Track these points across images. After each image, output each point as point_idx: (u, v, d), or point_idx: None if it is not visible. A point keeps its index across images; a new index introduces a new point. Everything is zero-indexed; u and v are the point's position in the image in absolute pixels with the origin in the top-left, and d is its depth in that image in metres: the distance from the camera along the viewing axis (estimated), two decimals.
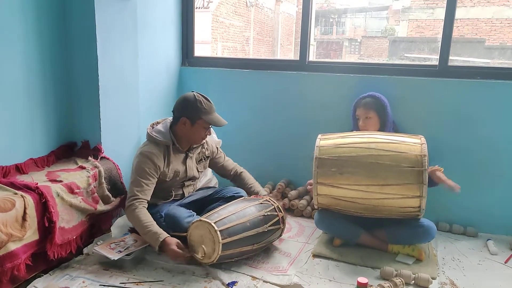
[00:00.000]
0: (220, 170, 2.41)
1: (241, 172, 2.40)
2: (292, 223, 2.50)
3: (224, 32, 10.96)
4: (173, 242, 1.87)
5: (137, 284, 1.79)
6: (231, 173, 2.39)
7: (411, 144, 2.00)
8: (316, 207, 2.17)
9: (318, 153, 2.06)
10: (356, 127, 2.38)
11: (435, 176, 2.08)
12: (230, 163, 2.41)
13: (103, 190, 2.09)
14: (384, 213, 2.03)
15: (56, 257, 1.82)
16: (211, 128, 2.45)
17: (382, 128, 2.30)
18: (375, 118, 2.28)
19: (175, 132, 2.12)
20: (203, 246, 1.84)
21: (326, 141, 2.12)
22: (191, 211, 2.11)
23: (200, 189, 2.44)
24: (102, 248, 1.93)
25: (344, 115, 2.49)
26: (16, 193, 1.68)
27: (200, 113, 2.04)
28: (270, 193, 2.72)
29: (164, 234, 1.89)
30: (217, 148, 2.39)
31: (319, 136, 2.16)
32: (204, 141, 2.27)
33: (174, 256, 1.87)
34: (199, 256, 1.83)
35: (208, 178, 2.75)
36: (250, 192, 2.32)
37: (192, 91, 2.10)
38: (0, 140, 1.90)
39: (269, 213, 2.05)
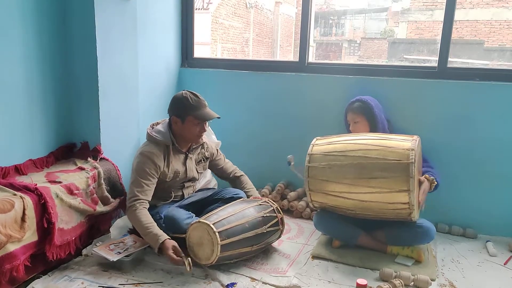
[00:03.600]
0: (219, 172, 2.41)
1: (241, 175, 2.40)
2: (291, 225, 2.50)
3: (223, 34, 10.98)
4: (170, 246, 1.84)
5: (136, 286, 1.79)
6: (230, 176, 2.39)
7: (401, 140, 2.02)
8: (310, 204, 2.19)
9: (310, 150, 2.13)
10: (348, 131, 2.41)
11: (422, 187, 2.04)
12: (229, 165, 2.41)
13: (102, 191, 2.08)
14: (375, 211, 2.03)
15: (55, 258, 1.82)
16: (210, 129, 2.45)
17: (373, 130, 2.31)
18: (364, 121, 2.31)
19: (174, 132, 2.12)
20: (189, 258, 1.82)
21: (321, 141, 2.19)
22: (190, 212, 2.11)
23: (199, 190, 2.44)
24: (101, 249, 1.93)
25: (343, 116, 2.49)
26: (15, 194, 1.68)
27: (188, 110, 2.04)
28: (269, 194, 2.73)
29: (163, 236, 1.88)
30: (217, 150, 2.39)
31: (316, 137, 2.23)
32: (204, 142, 2.27)
33: (169, 260, 1.85)
34: (187, 269, 1.79)
35: (207, 179, 2.75)
36: (247, 196, 2.31)
37: (183, 90, 2.10)
38: None
39: (268, 214, 2.05)
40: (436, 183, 2.10)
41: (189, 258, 1.83)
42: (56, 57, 2.14)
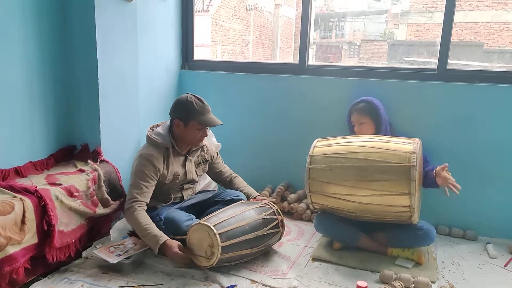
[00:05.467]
0: (216, 175, 2.41)
1: (235, 177, 2.42)
2: (292, 227, 2.50)
3: (223, 36, 10.99)
4: (175, 244, 1.87)
5: None
6: (227, 179, 2.40)
7: (403, 143, 2.02)
8: (310, 206, 2.18)
9: (311, 151, 2.13)
10: (352, 133, 2.40)
11: (441, 176, 2.05)
12: (227, 169, 2.42)
13: (102, 193, 2.08)
14: (376, 214, 2.03)
15: (55, 261, 1.81)
16: (210, 131, 2.45)
17: (377, 131, 2.31)
18: (369, 122, 2.30)
19: (174, 134, 2.12)
20: (200, 253, 1.85)
21: (322, 142, 2.19)
22: (191, 214, 2.11)
23: (199, 192, 2.44)
24: (101, 252, 1.93)
25: (343, 118, 2.50)
26: (15, 196, 1.68)
27: (192, 114, 2.04)
28: (270, 196, 2.73)
29: (164, 237, 1.89)
30: (216, 153, 2.39)
31: (317, 139, 2.23)
32: (204, 144, 2.27)
33: (177, 259, 1.86)
34: (204, 264, 1.83)
35: (207, 181, 2.75)
36: (245, 195, 2.32)
37: (187, 93, 2.10)
38: (0, 143, 1.90)
39: (268, 217, 2.05)
40: (447, 165, 2.08)
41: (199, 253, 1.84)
42: (57, 59, 2.15)
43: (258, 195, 2.31)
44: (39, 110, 2.09)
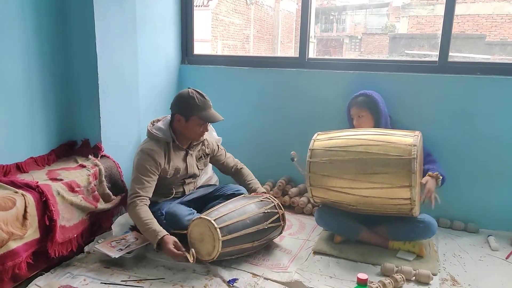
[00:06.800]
0: (221, 167, 2.42)
1: (241, 168, 2.41)
2: (293, 220, 2.50)
3: (224, 30, 10.95)
4: (171, 241, 1.85)
5: (138, 282, 1.80)
6: (232, 170, 2.40)
7: (403, 136, 2.02)
8: (311, 200, 2.19)
9: (312, 145, 2.13)
10: (352, 126, 2.40)
11: (427, 186, 2.04)
12: (231, 160, 2.41)
13: (103, 188, 2.09)
14: (376, 207, 2.03)
15: (57, 256, 1.82)
16: (211, 126, 2.45)
17: (377, 125, 2.30)
18: (368, 116, 2.30)
19: (174, 129, 2.12)
20: (193, 250, 1.84)
21: (322, 136, 2.19)
22: (192, 209, 2.11)
23: (200, 186, 2.44)
24: (103, 246, 1.94)
25: (343, 111, 2.49)
26: (16, 192, 1.68)
27: (193, 110, 2.03)
28: (271, 190, 2.73)
29: (162, 232, 1.89)
30: (218, 145, 2.39)
31: (317, 132, 2.23)
32: (205, 138, 2.27)
33: (171, 255, 1.86)
34: (190, 260, 1.81)
35: (208, 176, 2.75)
36: (248, 188, 2.32)
37: (188, 88, 2.09)
38: (0, 139, 1.90)
39: (269, 211, 2.05)
40: (441, 177, 2.09)
41: (193, 250, 1.84)
42: (56, 55, 2.14)
43: (264, 192, 2.27)
44: (39, 106, 2.09)
